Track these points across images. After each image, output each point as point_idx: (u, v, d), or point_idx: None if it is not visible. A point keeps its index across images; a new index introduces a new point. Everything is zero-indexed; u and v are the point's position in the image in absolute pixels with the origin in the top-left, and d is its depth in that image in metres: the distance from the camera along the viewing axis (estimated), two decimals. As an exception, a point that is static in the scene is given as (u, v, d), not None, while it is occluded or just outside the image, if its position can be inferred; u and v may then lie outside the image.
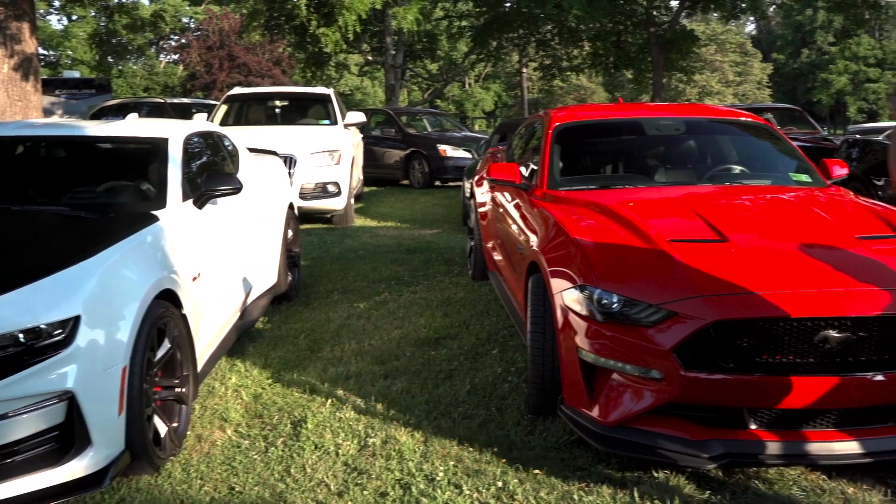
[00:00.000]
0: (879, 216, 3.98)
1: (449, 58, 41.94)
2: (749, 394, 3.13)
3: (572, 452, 3.51)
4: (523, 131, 6.46)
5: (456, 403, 4.11)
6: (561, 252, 3.81)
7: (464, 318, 5.64)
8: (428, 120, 19.00)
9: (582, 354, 3.41)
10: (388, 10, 22.29)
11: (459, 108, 54.45)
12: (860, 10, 18.86)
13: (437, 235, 9.65)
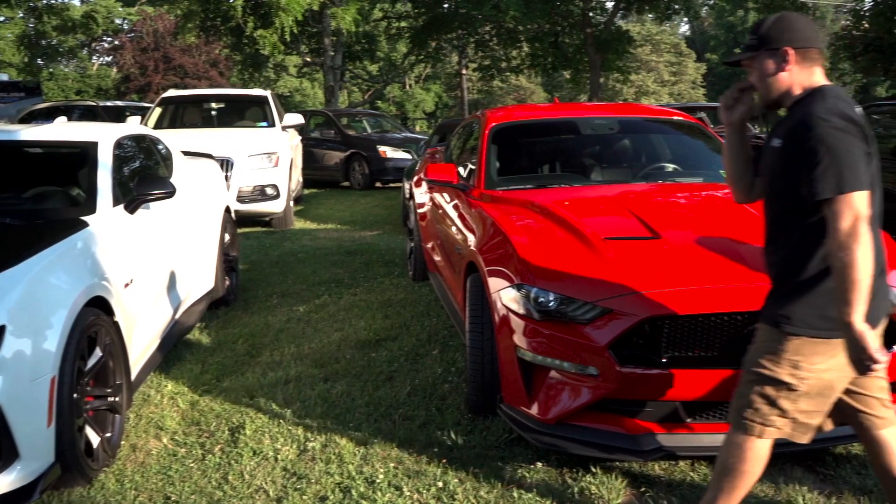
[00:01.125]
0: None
1: (389, 59, 41.86)
2: (683, 388, 3.19)
3: (512, 451, 3.54)
4: (461, 132, 6.48)
5: (396, 405, 4.10)
6: (498, 252, 3.83)
7: (404, 320, 5.63)
8: (368, 121, 18.92)
9: (520, 353, 3.44)
10: (325, 11, 22.13)
11: (400, 109, 54.34)
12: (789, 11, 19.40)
13: (378, 237, 9.62)
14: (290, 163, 10.58)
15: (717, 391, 3.18)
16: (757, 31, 2.52)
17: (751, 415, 2.51)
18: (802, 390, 2.45)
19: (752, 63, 2.54)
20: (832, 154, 2.28)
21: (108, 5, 42.09)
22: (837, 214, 2.26)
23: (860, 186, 2.27)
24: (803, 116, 2.36)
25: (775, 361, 2.45)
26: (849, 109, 2.37)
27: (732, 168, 2.75)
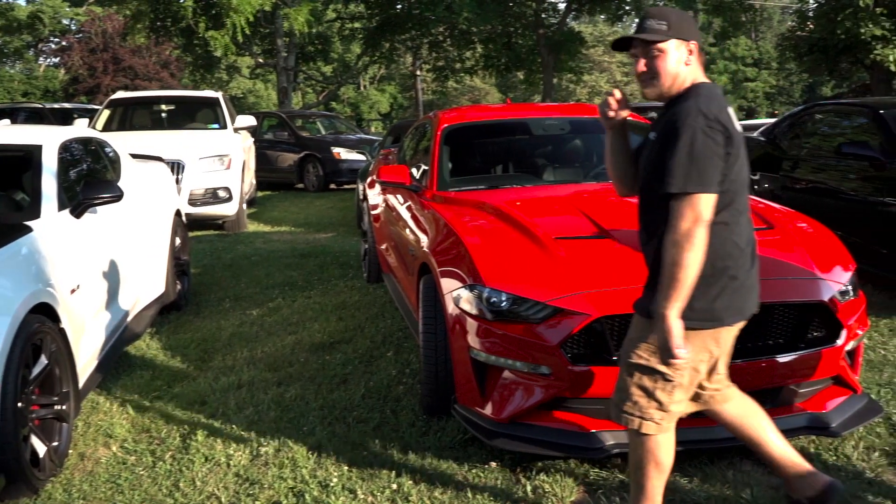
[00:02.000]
0: (752, 209, 4.16)
1: (343, 60, 41.67)
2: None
3: (467, 451, 3.54)
4: (414, 133, 6.48)
5: (350, 408, 4.09)
6: (451, 253, 3.84)
7: (358, 322, 5.61)
8: (322, 123, 18.82)
9: (473, 353, 3.45)
10: (278, 12, 21.95)
11: (355, 111, 54.15)
12: (737, 13, 19.72)
13: (332, 239, 9.57)
14: (242, 165, 10.49)
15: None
16: (667, 18, 2.50)
17: (630, 408, 2.56)
18: (677, 382, 2.52)
19: (658, 50, 2.50)
20: (689, 152, 2.34)
21: (54, 5, 41.23)
22: (678, 212, 2.35)
23: (707, 189, 2.35)
24: (679, 111, 2.42)
25: (652, 352, 2.51)
26: (719, 110, 2.43)
27: (615, 166, 2.80)
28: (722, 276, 2.49)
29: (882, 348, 4.73)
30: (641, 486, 2.67)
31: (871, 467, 3.33)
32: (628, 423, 2.58)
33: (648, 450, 2.61)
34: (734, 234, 2.50)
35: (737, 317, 2.55)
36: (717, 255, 2.46)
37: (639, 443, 2.62)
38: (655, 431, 2.58)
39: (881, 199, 6.06)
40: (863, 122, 6.85)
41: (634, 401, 2.55)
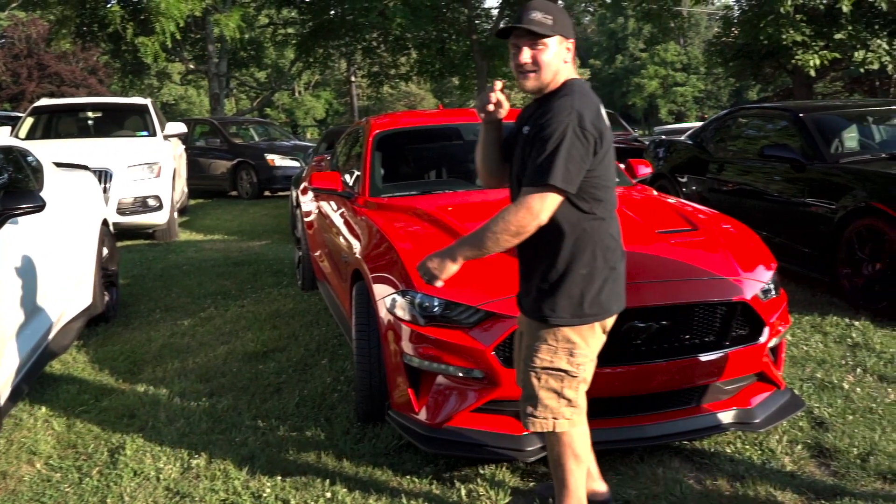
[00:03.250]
0: (678, 211, 4.27)
1: (277, 66, 41.26)
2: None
3: (401, 457, 3.54)
4: (346, 139, 6.45)
5: (284, 417, 4.04)
6: (383, 259, 3.83)
7: (293, 330, 5.56)
8: (255, 129, 18.61)
9: (406, 359, 3.45)
10: (208, 18, 21.63)
11: (290, 117, 53.70)
12: (665, 19, 20.14)
13: (266, 247, 9.47)
14: (173, 173, 10.30)
15: (600, 388, 3.27)
16: (553, 15, 2.53)
17: (542, 412, 2.61)
18: (581, 377, 2.61)
19: (543, 44, 2.53)
20: (557, 147, 2.40)
21: (-26, 10, 39.90)
22: (528, 202, 2.42)
23: (564, 188, 2.42)
24: (554, 107, 2.47)
25: (553, 352, 2.57)
26: (593, 109, 2.50)
27: (487, 159, 2.83)
28: (605, 269, 2.59)
29: (804, 344, 4.88)
30: (564, 482, 2.71)
31: (795, 460, 3.43)
32: (542, 426, 2.62)
33: (565, 445, 2.66)
34: (611, 227, 2.62)
35: (619, 304, 2.67)
36: (600, 249, 2.56)
37: (555, 441, 2.67)
38: (569, 428, 2.63)
39: (803, 200, 6.26)
40: (784, 125, 7.06)
41: (545, 404, 2.60)
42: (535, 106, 2.62)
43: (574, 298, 2.54)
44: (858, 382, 4.26)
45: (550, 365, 2.58)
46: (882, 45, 14.16)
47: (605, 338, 2.68)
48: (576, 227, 2.53)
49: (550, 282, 2.56)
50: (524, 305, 2.69)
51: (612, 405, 3.38)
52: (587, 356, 2.61)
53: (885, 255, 5.37)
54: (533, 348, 2.61)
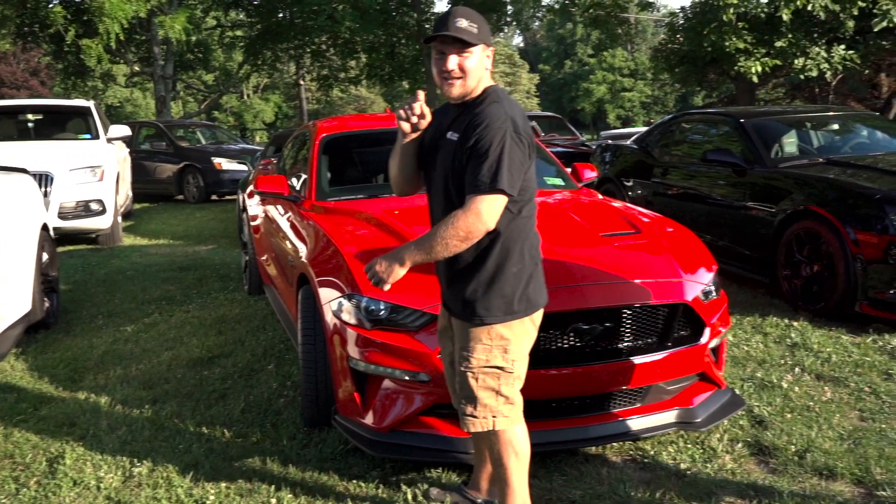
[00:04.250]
0: (622, 215, 4.33)
1: (224, 68, 40.79)
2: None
3: (348, 461, 3.52)
4: (293, 142, 6.41)
5: (229, 423, 4.00)
6: (329, 263, 3.82)
7: (239, 335, 5.50)
8: (202, 132, 18.37)
9: (353, 363, 3.44)
10: (153, 19, 21.29)
11: (238, 120, 53.13)
12: (612, 25, 20.39)
13: (213, 251, 9.35)
14: (116, 176, 10.12)
15: (545, 389, 3.30)
16: (478, 24, 2.57)
17: (481, 411, 2.63)
18: (517, 373, 2.65)
19: (468, 52, 2.55)
20: (500, 153, 2.45)
21: None
22: (474, 207, 2.45)
23: (510, 192, 2.47)
24: (485, 114, 2.51)
25: (488, 351, 2.60)
26: (520, 117, 2.56)
27: (404, 168, 2.83)
28: (532, 265, 2.65)
29: (745, 345, 4.98)
30: (507, 480, 2.73)
31: (735, 458, 3.50)
32: (482, 426, 2.64)
33: (506, 443, 2.68)
34: (534, 224, 2.69)
35: (544, 298, 2.73)
36: (528, 247, 2.63)
37: (495, 440, 2.69)
38: (509, 425, 2.65)
39: (744, 204, 6.40)
40: (726, 130, 7.21)
41: (484, 403, 2.62)
42: (457, 112, 2.65)
43: (507, 297, 2.57)
44: (797, 381, 4.36)
45: (487, 364, 2.60)
46: (820, 52, 14.52)
47: (535, 333, 2.72)
48: (507, 227, 2.57)
49: (483, 282, 2.59)
50: (453, 308, 2.71)
51: (556, 407, 3.41)
52: (520, 352, 2.66)
53: (822, 257, 5.51)
54: (467, 349, 2.62)
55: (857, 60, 14.70)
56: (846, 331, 5.18)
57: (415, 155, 2.79)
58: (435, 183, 2.72)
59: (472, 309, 2.61)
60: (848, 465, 3.36)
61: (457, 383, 2.70)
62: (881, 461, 3.38)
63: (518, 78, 57.51)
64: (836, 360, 4.67)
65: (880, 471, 3.31)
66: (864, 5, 13.62)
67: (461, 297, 2.63)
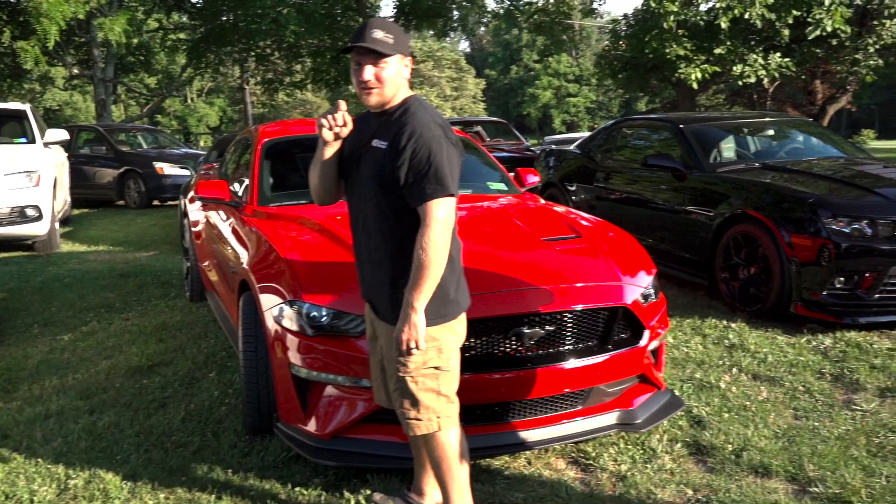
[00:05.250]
0: (563, 219, 4.38)
1: (167, 71, 40.16)
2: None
3: (290, 469, 3.49)
4: (235, 147, 6.34)
5: (169, 432, 3.93)
6: (270, 269, 3.78)
7: (180, 343, 5.41)
8: (144, 137, 18.06)
9: (294, 370, 3.41)
10: (93, 21, 20.85)
11: (182, 124, 52.35)
12: (557, 32, 20.62)
13: (154, 258, 9.19)
14: (54, 181, 9.88)
15: (487, 394, 3.32)
16: (394, 34, 2.61)
17: (425, 413, 2.65)
18: (453, 371, 2.69)
19: (385, 62, 2.59)
20: (440, 159, 2.52)
21: None
22: (434, 216, 2.50)
23: (455, 193, 2.55)
24: (412, 122, 2.56)
25: (423, 353, 2.62)
26: (445, 123, 2.65)
27: (325, 177, 2.84)
28: (459, 268, 2.72)
29: (685, 346, 5.07)
30: (448, 483, 2.75)
31: (674, 458, 3.56)
32: (427, 428, 2.66)
33: (445, 445, 2.70)
34: (457, 231, 2.72)
35: (468, 300, 2.78)
36: (455, 250, 2.67)
37: (434, 444, 2.70)
38: (450, 426, 2.68)
39: (684, 208, 6.52)
40: (666, 136, 7.34)
41: (427, 405, 2.64)
42: (379, 120, 2.69)
43: (437, 299, 2.60)
44: (734, 382, 4.46)
45: (424, 365, 2.62)
46: (758, 59, 14.88)
47: (464, 333, 2.75)
48: None
49: None
50: (383, 312, 2.72)
51: (499, 411, 3.43)
52: (453, 350, 2.70)
53: (759, 259, 5.64)
54: (403, 352, 2.62)
55: (792, 68, 15.10)
56: (782, 331, 5.31)
57: (335, 164, 2.80)
58: (359, 191, 2.73)
59: (393, 308, 2.64)
60: (782, 463, 3.44)
61: (394, 389, 2.70)
62: (814, 458, 3.47)
63: (464, 83, 57.70)
64: (771, 360, 4.78)
65: (813, 467, 3.40)
66: (798, 14, 14.01)
67: (393, 302, 2.64)
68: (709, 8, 14.77)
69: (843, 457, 3.49)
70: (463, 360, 3.29)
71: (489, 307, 3.31)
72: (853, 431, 3.78)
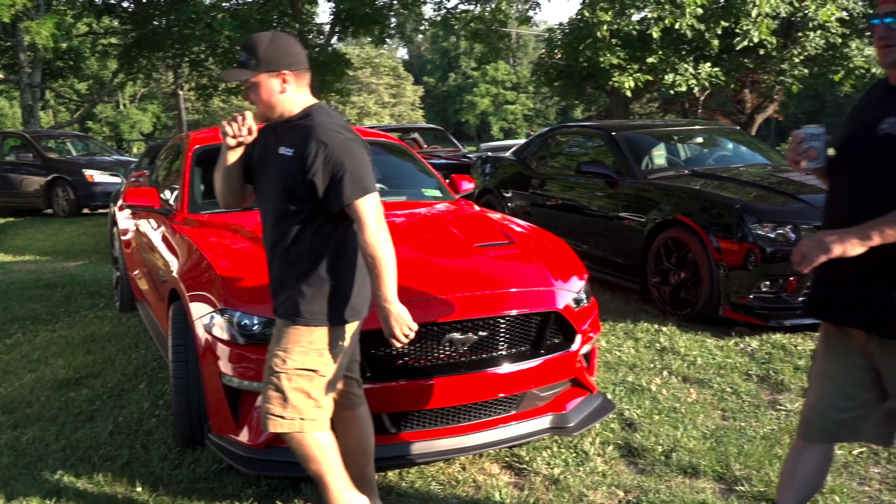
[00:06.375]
0: (497, 226, 4.41)
1: (98, 77, 39.24)
2: (388, 400, 3.29)
3: (222, 480, 3.44)
4: (166, 154, 6.23)
5: (97, 446, 3.84)
6: (201, 277, 3.72)
7: (109, 354, 5.29)
8: (73, 143, 17.61)
9: (226, 380, 3.37)
10: (18, 25, 20.26)
11: (115, 131, 51.16)
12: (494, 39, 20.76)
13: (83, 267, 8.96)
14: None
15: (420, 400, 3.32)
16: (255, 53, 2.66)
17: (290, 412, 2.67)
18: (329, 377, 2.71)
19: (250, 83, 2.68)
20: (353, 161, 2.60)
21: None
22: (366, 213, 2.58)
23: (376, 188, 2.64)
24: (317, 131, 2.62)
25: (305, 353, 2.66)
26: (346, 125, 2.74)
27: (229, 182, 2.88)
28: (359, 270, 2.75)
29: (618, 350, 5.15)
30: (323, 478, 2.75)
31: (606, 460, 3.61)
32: (289, 427, 2.67)
33: (309, 444, 2.70)
34: None
35: (368, 308, 2.81)
36: (357, 253, 2.72)
37: (296, 443, 2.71)
38: (315, 429, 2.70)
39: (616, 214, 6.63)
40: (599, 143, 7.46)
41: (294, 404, 2.66)
42: (284, 129, 2.72)
43: (333, 301, 2.66)
44: (665, 384, 4.54)
45: (302, 366, 2.66)
46: (689, 69, 15.20)
47: (355, 341, 2.77)
48: (338, 234, 2.68)
49: (312, 286, 2.66)
50: (279, 309, 2.75)
51: (433, 417, 3.43)
52: (338, 356, 2.71)
53: (688, 264, 5.77)
54: (285, 350, 2.67)
55: (721, 77, 15.47)
56: (711, 334, 5.43)
57: (240, 169, 2.84)
58: (268, 195, 2.77)
59: (297, 310, 2.66)
60: (710, 463, 3.52)
61: (266, 381, 2.72)
62: (740, 458, 3.56)
63: (403, 90, 57.69)
64: (701, 362, 4.89)
65: (739, 466, 3.48)
66: (727, 25, 14.37)
67: (289, 299, 2.69)
68: (641, 18, 15.03)
69: (768, 455, 3.59)
70: (397, 367, 3.32)
71: (422, 313, 3.31)
72: (778, 431, 3.88)
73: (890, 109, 2.25)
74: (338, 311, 2.68)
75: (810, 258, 2.22)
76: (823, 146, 2.39)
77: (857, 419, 2.49)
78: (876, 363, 2.38)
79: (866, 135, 2.29)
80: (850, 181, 2.33)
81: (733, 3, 14.20)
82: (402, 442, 3.38)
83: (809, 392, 2.62)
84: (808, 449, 2.58)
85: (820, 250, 2.20)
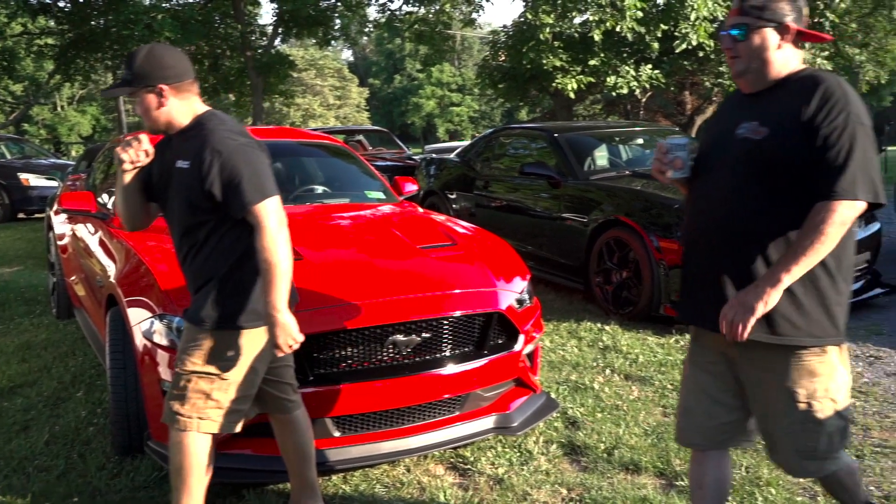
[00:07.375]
0: (440, 227, 4.42)
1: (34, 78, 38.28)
2: (331, 403, 3.28)
3: (163, 489, 3.38)
4: (104, 157, 6.10)
5: (32, 456, 3.74)
6: (139, 282, 3.66)
7: (45, 362, 5.16)
8: (8, 146, 17.14)
9: (165, 386, 3.31)
10: (-51, 24, 19.67)
11: (52, 133, 49.94)
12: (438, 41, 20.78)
13: (18, 273, 8.72)
14: None
15: (365, 402, 3.31)
16: (131, 68, 2.66)
17: (188, 410, 2.67)
18: (233, 380, 2.69)
19: (135, 97, 2.69)
20: (250, 166, 2.59)
21: None
22: (266, 217, 2.57)
23: (277, 192, 2.63)
24: (210, 140, 2.61)
25: (207, 357, 2.66)
26: (241, 128, 2.73)
27: (133, 204, 2.85)
28: None
29: (561, 350, 5.20)
30: (179, 490, 2.71)
31: (550, 459, 3.64)
32: (186, 426, 2.66)
33: (191, 452, 2.68)
34: None
35: None
36: None
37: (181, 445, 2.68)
38: (214, 430, 2.69)
39: (560, 215, 6.69)
40: (542, 144, 7.52)
41: (193, 403, 2.65)
42: (177, 141, 2.72)
43: (233, 306, 2.65)
44: (607, 382, 4.60)
45: (203, 368, 2.65)
46: (630, 71, 15.42)
47: (264, 343, 2.71)
48: (244, 240, 2.65)
49: (214, 291, 2.65)
50: (189, 311, 2.73)
51: (377, 419, 3.42)
52: (242, 360, 2.68)
53: (630, 263, 5.85)
54: (188, 352, 2.66)
55: (662, 79, 15.71)
56: (652, 332, 5.52)
57: (140, 190, 2.81)
58: (173, 210, 2.76)
59: (198, 315, 2.65)
60: (651, 459, 3.58)
61: (172, 378, 2.72)
62: (680, 453, 3.62)
63: (348, 92, 57.42)
64: (642, 360, 4.96)
65: (679, 462, 3.54)
66: (666, 28, 14.60)
67: (194, 303, 2.69)
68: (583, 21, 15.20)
69: (707, 450, 3.65)
70: (341, 370, 3.31)
71: (364, 316, 3.31)
72: (717, 426, 3.95)
73: (744, 115, 2.34)
74: (236, 316, 2.65)
75: (738, 323, 2.20)
76: (688, 156, 2.44)
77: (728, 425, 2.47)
78: (736, 368, 2.40)
79: (725, 140, 2.37)
80: (712, 185, 2.38)
81: (672, 7, 14.44)
82: (346, 445, 3.36)
83: (680, 399, 2.61)
84: (707, 458, 2.54)
85: (747, 313, 2.18)
